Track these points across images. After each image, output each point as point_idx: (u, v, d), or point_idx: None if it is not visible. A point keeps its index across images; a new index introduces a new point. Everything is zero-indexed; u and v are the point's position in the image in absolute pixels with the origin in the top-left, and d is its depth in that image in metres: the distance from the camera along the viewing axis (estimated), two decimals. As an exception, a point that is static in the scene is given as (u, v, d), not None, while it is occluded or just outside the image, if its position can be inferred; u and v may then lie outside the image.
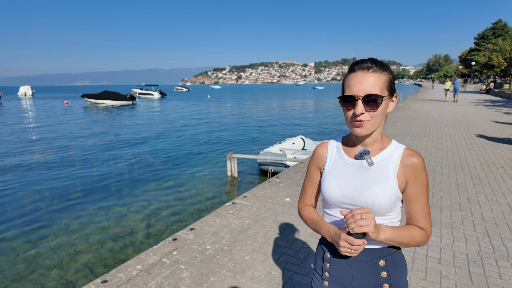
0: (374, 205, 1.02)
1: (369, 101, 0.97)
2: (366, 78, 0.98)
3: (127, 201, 6.94)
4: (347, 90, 1.02)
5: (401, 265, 1.09)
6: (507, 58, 27.22)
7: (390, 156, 1.05)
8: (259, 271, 2.58)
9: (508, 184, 4.55)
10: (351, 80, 1.00)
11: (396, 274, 1.07)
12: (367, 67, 0.99)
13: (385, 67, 1.01)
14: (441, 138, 8.09)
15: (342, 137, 1.18)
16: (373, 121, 0.99)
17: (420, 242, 1.03)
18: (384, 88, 1.00)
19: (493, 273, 2.50)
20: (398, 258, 1.09)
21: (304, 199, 1.25)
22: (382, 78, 0.99)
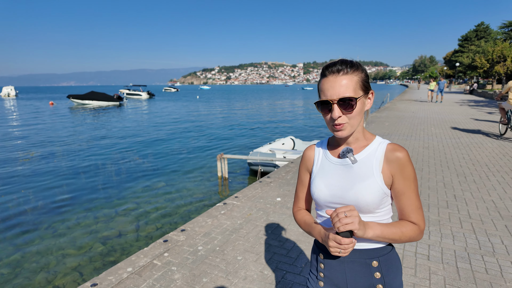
0: (361, 203, 1.02)
1: (344, 104, 0.98)
2: (338, 82, 0.98)
3: (115, 203, 6.83)
4: (322, 95, 1.02)
5: (395, 266, 1.09)
6: (490, 60, 28.03)
7: (373, 153, 1.05)
8: (251, 271, 2.58)
9: (492, 181, 4.68)
10: (324, 85, 1.01)
11: (389, 275, 1.07)
12: (337, 70, 0.99)
13: (356, 66, 1.01)
14: (428, 137, 8.27)
15: (328, 139, 1.19)
16: (351, 122, 1.00)
17: (413, 237, 1.02)
18: (358, 88, 1.00)
19: (479, 268, 2.57)
20: (392, 258, 1.09)
21: (297, 203, 1.26)
22: (354, 79, 1.00)
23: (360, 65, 1.04)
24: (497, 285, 2.35)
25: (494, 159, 5.93)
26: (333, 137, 1.16)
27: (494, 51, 27.37)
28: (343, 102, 0.98)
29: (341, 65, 1.00)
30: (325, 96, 1.00)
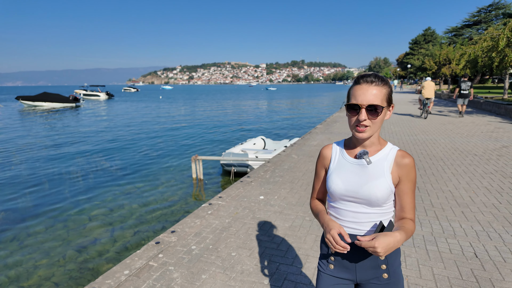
0: (372, 197, 1.21)
1: (371, 110, 1.17)
2: (370, 90, 1.17)
3: (86, 210, 6.58)
4: (352, 99, 1.20)
5: (397, 249, 1.30)
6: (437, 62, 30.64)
7: (385, 156, 1.25)
8: (247, 265, 2.74)
9: (448, 173, 5.27)
10: (356, 91, 1.19)
11: (392, 255, 1.28)
12: (371, 81, 1.18)
13: (385, 81, 1.21)
14: (389, 135, 8.94)
15: (344, 140, 1.38)
16: (373, 126, 1.19)
17: (413, 231, 1.23)
18: (384, 99, 1.19)
19: (445, 249, 2.96)
20: None
21: (313, 194, 1.46)
22: (383, 91, 1.19)
23: (388, 81, 1.23)
24: (460, 262, 2.74)
25: (447, 154, 6.63)
26: (350, 139, 1.34)
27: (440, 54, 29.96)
28: (371, 108, 1.16)
29: (374, 78, 1.18)
30: (355, 100, 1.18)
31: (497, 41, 13.96)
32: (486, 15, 43.08)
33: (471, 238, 3.15)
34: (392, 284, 1.27)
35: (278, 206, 4.04)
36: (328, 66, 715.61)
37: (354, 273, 1.30)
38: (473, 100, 17.43)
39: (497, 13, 41.47)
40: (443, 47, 32.03)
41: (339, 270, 1.33)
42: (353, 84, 1.25)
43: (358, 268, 1.29)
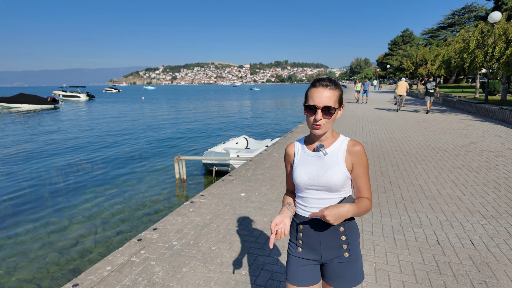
0: (331, 184, 1.38)
1: (326, 111, 1.34)
2: (324, 93, 1.33)
3: (66, 212, 6.52)
4: (310, 101, 1.36)
5: (355, 230, 1.48)
6: (414, 63, 31.73)
7: (339, 147, 1.42)
8: (226, 258, 2.87)
9: (419, 168, 5.57)
10: (313, 93, 1.35)
11: (352, 237, 1.45)
12: (326, 84, 1.34)
13: (338, 85, 1.39)
14: (366, 133, 9.28)
15: (304, 137, 1.55)
16: (327, 124, 1.36)
17: (369, 208, 1.41)
18: (336, 101, 1.37)
19: (411, 237, 3.19)
20: (353, 225, 1.47)
21: (287, 187, 1.65)
22: (336, 94, 1.36)
23: (339, 85, 1.41)
24: (424, 249, 2.97)
25: (420, 150, 6.98)
26: (309, 136, 1.51)
27: (417, 55, 31.03)
28: (325, 109, 1.33)
29: (329, 82, 1.35)
30: (313, 102, 1.34)
31: (468, 42, 14.66)
32: (460, 18, 44.89)
33: (435, 227, 3.40)
34: (352, 262, 1.45)
35: (258, 202, 4.19)
36: (311, 67, 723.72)
37: (320, 254, 1.46)
38: (447, 99, 18.20)
39: (469, 16, 43.29)
40: (420, 48, 33.18)
41: (307, 252, 1.48)
42: (310, 86, 1.40)
43: (323, 249, 1.45)
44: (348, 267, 1.44)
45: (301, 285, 1.47)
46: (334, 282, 1.46)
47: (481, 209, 3.85)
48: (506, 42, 12.08)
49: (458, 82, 48.40)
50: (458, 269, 2.64)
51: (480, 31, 14.37)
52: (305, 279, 1.48)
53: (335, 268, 1.45)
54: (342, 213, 1.29)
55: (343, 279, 1.45)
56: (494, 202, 4.04)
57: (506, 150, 6.88)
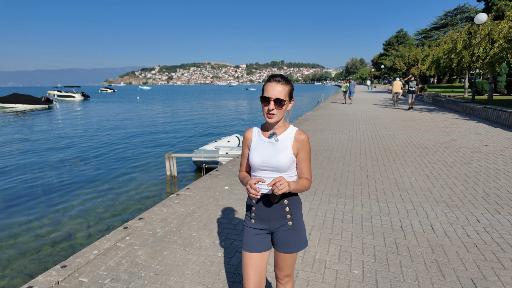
0: (279, 165, 1.65)
1: (278, 102, 1.60)
2: (277, 87, 1.61)
3: (60, 207, 6.71)
4: (265, 93, 1.63)
5: (298, 203, 1.75)
6: (406, 63, 32.17)
7: (288, 135, 1.70)
8: (205, 242, 3.11)
9: (397, 163, 5.85)
10: (268, 87, 1.63)
11: (294, 209, 1.72)
12: (278, 80, 1.62)
13: (289, 81, 1.67)
14: (353, 131, 9.56)
15: (261, 125, 1.81)
16: (279, 114, 1.63)
17: (308, 187, 1.69)
18: (287, 95, 1.64)
19: (377, 224, 3.45)
20: (296, 199, 1.74)
21: (241, 167, 1.88)
22: (286, 89, 1.64)
23: (290, 81, 1.68)
24: (387, 234, 3.23)
25: (401, 147, 7.26)
26: (264, 124, 1.77)
27: (409, 55, 31.47)
28: (277, 101, 1.60)
29: (281, 78, 1.64)
30: (267, 94, 1.61)
31: (456, 43, 15.03)
32: (452, 18, 45.47)
33: (402, 215, 3.67)
34: (295, 230, 1.72)
35: (241, 194, 4.43)
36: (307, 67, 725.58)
37: (269, 224, 1.72)
38: (436, 98, 18.58)
39: (462, 17, 43.89)
40: (412, 48, 33.64)
41: (259, 222, 1.74)
42: (266, 81, 1.68)
43: (271, 219, 1.71)
44: (292, 234, 1.71)
45: (254, 251, 1.72)
46: (281, 248, 1.72)
47: (447, 199, 4.13)
48: (491, 43, 12.43)
49: (451, 82, 49.02)
50: (415, 251, 2.90)
51: (468, 32, 14.75)
52: (258, 246, 1.74)
53: (282, 236, 1.71)
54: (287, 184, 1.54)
55: (288, 245, 1.71)
56: (461, 193, 4.32)
57: (483, 146, 7.19)
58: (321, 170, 5.52)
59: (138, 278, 2.56)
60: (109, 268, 2.70)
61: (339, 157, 6.42)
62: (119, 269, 2.69)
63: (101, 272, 2.65)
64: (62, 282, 2.54)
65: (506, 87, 20.24)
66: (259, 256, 1.73)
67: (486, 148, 6.98)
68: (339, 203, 4.06)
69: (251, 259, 1.72)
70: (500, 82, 19.90)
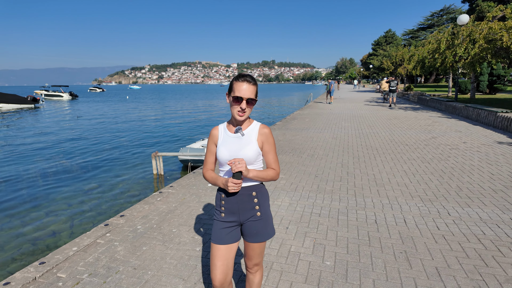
0: (246, 158, 1.73)
1: (249, 101, 1.70)
2: (249, 87, 1.70)
3: (44, 206, 6.67)
4: (236, 93, 1.70)
5: (265, 194, 1.84)
6: (394, 63, 32.71)
7: (253, 130, 1.79)
8: (184, 238, 3.18)
9: (377, 160, 6.01)
10: (239, 87, 1.70)
11: (262, 200, 1.81)
12: (249, 80, 1.71)
13: (256, 81, 1.77)
14: (338, 130, 9.73)
15: (226, 122, 1.89)
16: (248, 112, 1.73)
17: (274, 177, 1.79)
18: (255, 94, 1.74)
19: (353, 217, 3.57)
20: (264, 190, 1.84)
21: (206, 166, 1.92)
22: (255, 88, 1.74)
23: (256, 81, 1.77)
24: (361, 227, 3.36)
25: (383, 144, 7.45)
26: (230, 121, 1.85)
27: (397, 55, 32.00)
28: (249, 100, 1.70)
29: (251, 79, 1.73)
30: (239, 94, 1.68)
31: (439, 43, 15.38)
32: (439, 19, 46.36)
33: (377, 209, 3.80)
34: (263, 220, 1.82)
35: (223, 191, 4.50)
36: (297, 67, 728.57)
37: (238, 216, 1.80)
38: (421, 97, 18.97)
39: (447, 17, 44.79)
40: (399, 48, 34.20)
41: (228, 215, 1.82)
42: (235, 80, 1.75)
43: (241, 211, 1.79)
44: (261, 224, 1.81)
45: (222, 243, 1.80)
46: (250, 238, 1.81)
47: (422, 194, 4.29)
48: (472, 43, 12.78)
49: (437, 81, 50.00)
50: (386, 242, 3.03)
51: (451, 32, 15.12)
52: (227, 238, 1.81)
53: (251, 226, 1.80)
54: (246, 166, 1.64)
55: (257, 235, 1.80)
56: (435, 188, 4.49)
57: (461, 143, 7.42)
58: (303, 167, 5.64)
59: (115, 272, 2.61)
60: (87, 264, 2.75)
61: (322, 155, 6.55)
62: (97, 264, 2.74)
63: (79, 268, 2.69)
64: (39, 278, 2.57)
65: (488, 87, 20.81)
66: (227, 248, 1.81)
67: (464, 145, 7.21)
68: (318, 198, 4.17)
69: (219, 250, 1.80)
70: (482, 81, 20.44)
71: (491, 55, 12.19)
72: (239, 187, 1.67)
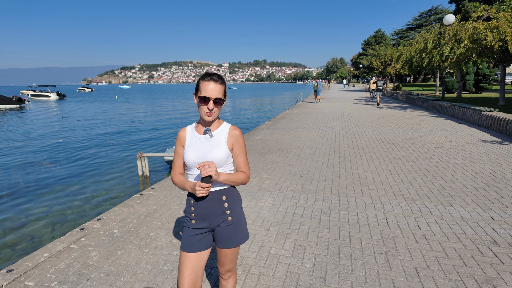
0: (215, 160, 1.65)
1: (217, 101, 1.61)
2: (216, 87, 1.61)
3: (25, 209, 6.47)
4: (203, 93, 1.61)
5: (237, 198, 1.77)
6: (383, 62, 33.02)
7: (222, 131, 1.71)
8: (162, 242, 3.09)
9: (363, 160, 6.00)
10: (206, 86, 1.60)
11: (233, 203, 1.74)
12: (216, 80, 1.62)
13: (224, 80, 1.67)
14: (326, 129, 9.73)
15: (194, 123, 1.81)
16: (216, 112, 1.65)
17: (244, 180, 1.71)
18: (223, 94, 1.65)
19: (335, 218, 3.53)
20: (235, 193, 1.76)
21: (175, 169, 1.82)
22: (223, 88, 1.65)
23: (224, 80, 1.68)
24: (343, 227, 3.32)
25: (369, 143, 7.46)
26: (199, 122, 1.77)
27: (386, 55, 32.31)
28: (217, 100, 1.61)
29: (218, 78, 1.63)
30: (206, 94, 1.59)
31: (426, 43, 15.54)
32: (427, 19, 46.99)
33: (359, 209, 3.77)
34: (235, 224, 1.74)
35: (205, 193, 4.42)
36: (289, 66, 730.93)
37: (209, 222, 1.72)
38: (409, 96, 19.17)
39: (435, 18, 45.43)
40: (388, 48, 34.55)
41: (199, 222, 1.73)
42: (202, 79, 1.65)
43: (211, 217, 1.71)
44: (233, 229, 1.73)
45: (192, 251, 1.72)
46: (222, 243, 1.74)
47: (405, 193, 4.28)
48: (458, 43, 12.94)
49: (426, 80, 50.69)
50: (367, 243, 3.00)
51: (437, 32, 15.29)
52: (197, 246, 1.73)
53: (222, 232, 1.72)
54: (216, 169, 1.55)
55: (229, 240, 1.73)
56: (418, 187, 4.49)
57: (446, 142, 7.49)
58: (289, 167, 5.59)
59: (87, 279, 2.51)
60: (58, 271, 2.64)
61: (308, 154, 6.51)
62: (68, 271, 2.63)
63: (49, 275, 2.58)
64: (6, 287, 2.45)
65: (474, 86, 21.15)
66: (197, 256, 1.72)
67: (449, 144, 7.27)
68: (301, 198, 4.12)
69: (188, 258, 1.71)
70: (468, 80, 20.76)
71: (476, 54, 12.36)
72: (208, 191, 1.59)
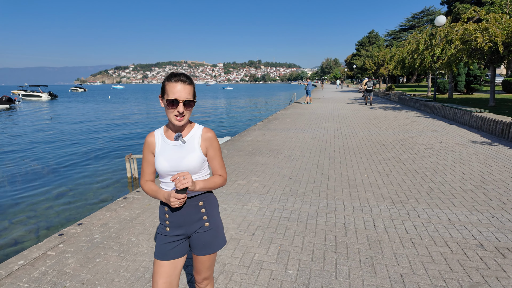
0: (190, 167, 1.57)
1: (187, 103, 1.51)
2: (184, 88, 1.50)
3: (9, 213, 6.31)
4: (171, 95, 1.49)
5: (214, 202, 1.69)
6: (376, 63, 33.19)
7: (194, 134, 1.62)
8: (143, 248, 2.99)
9: (353, 161, 5.96)
10: (173, 88, 1.49)
11: (210, 208, 1.66)
12: (184, 80, 1.51)
13: (192, 80, 1.57)
14: (318, 130, 9.69)
15: (162, 127, 1.69)
16: (187, 115, 1.55)
17: (222, 183, 1.64)
18: (193, 94, 1.56)
19: (322, 221, 3.47)
20: (211, 198, 1.69)
21: (144, 177, 1.72)
22: (192, 88, 1.54)
23: (192, 80, 1.57)
24: (329, 231, 3.26)
25: (360, 144, 7.43)
26: (167, 126, 1.67)
27: (379, 55, 32.48)
28: (187, 102, 1.50)
29: (186, 78, 1.52)
30: (174, 96, 1.48)
31: (418, 44, 15.62)
32: (419, 20, 47.38)
33: (347, 212, 3.72)
34: (213, 230, 1.67)
35: (192, 196, 4.33)
36: (284, 66, 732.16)
37: (185, 229, 1.64)
38: (402, 97, 19.27)
39: (428, 19, 45.85)
40: (381, 49, 34.75)
41: (174, 229, 1.65)
42: (167, 80, 1.53)
43: (187, 224, 1.63)
44: (210, 235, 1.66)
45: (166, 259, 1.63)
46: (199, 250, 1.66)
47: (393, 195, 4.24)
48: (449, 44, 13.01)
49: (419, 81, 51.10)
50: (353, 248, 2.94)
51: (429, 33, 15.38)
52: (171, 254, 1.65)
53: (199, 238, 1.65)
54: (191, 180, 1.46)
55: (206, 247, 1.65)
56: (407, 189, 4.45)
57: (436, 143, 7.49)
58: (278, 169, 5.53)
59: (61, 288, 2.41)
60: (31, 280, 2.53)
61: (299, 156, 6.46)
62: (42, 280, 2.52)
63: (22, 284, 2.47)
64: (-25, 297, 2.34)
65: (465, 86, 21.33)
66: (171, 264, 1.64)
67: (439, 145, 7.28)
68: (289, 201, 4.06)
69: (162, 267, 1.63)
70: (460, 81, 20.94)
71: (467, 55, 12.44)
72: (183, 201, 1.51)
